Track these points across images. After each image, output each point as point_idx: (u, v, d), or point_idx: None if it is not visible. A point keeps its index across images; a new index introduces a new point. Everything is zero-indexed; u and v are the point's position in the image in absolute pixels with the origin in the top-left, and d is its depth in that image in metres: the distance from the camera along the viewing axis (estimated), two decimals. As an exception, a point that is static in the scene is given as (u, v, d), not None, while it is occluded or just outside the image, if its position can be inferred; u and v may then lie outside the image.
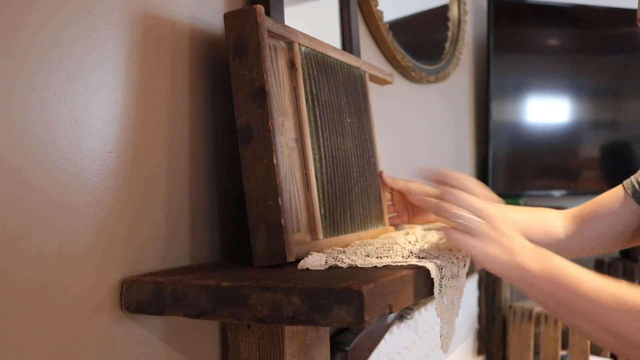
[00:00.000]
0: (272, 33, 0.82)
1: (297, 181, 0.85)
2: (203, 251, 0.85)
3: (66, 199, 0.65)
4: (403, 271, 0.70)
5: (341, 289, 0.59)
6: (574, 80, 2.53)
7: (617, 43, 2.56)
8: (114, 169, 0.71)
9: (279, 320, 0.62)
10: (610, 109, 2.57)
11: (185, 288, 0.67)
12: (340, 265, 0.73)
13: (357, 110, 1.04)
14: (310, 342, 0.80)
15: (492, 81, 2.33)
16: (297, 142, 0.86)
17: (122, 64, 0.73)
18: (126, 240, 0.73)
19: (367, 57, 1.36)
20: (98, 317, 0.68)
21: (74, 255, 0.66)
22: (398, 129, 1.58)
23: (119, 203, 0.72)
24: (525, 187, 2.46)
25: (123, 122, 0.73)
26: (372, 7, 1.40)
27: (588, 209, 1.04)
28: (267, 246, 0.76)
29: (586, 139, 2.56)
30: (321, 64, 0.95)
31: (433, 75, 1.77)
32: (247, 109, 0.78)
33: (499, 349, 2.38)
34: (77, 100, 0.67)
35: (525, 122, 2.47)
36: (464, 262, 0.85)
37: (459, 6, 2.03)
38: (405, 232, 0.99)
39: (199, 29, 0.86)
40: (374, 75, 1.14)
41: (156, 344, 0.77)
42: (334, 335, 1.17)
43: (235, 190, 0.90)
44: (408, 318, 1.55)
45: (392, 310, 0.66)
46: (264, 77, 0.77)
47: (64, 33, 0.65)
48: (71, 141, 0.66)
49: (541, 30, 2.52)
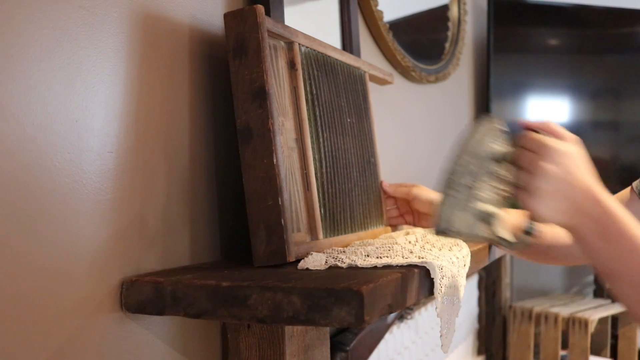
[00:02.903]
0: (272, 33, 0.82)
1: (297, 181, 0.85)
2: (203, 251, 0.85)
3: (66, 199, 0.65)
4: (403, 271, 0.70)
5: (341, 289, 0.59)
6: (574, 80, 2.53)
7: (617, 43, 2.56)
8: (114, 169, 0.71)
9: (279, 320, 0.62)
10: (610, 109, 2.57)
11: (185, 288, 0.67)
12: (340, 265, 0.73)
13: (357, 110, 1.04)
14: (310, 342, 0.80)
15: (492, 81, 2.33)
16: (297, 142, 0.86)
17: (122, 64, 0.73)
18: (126, 240, 0.73)
19: (367, 57, 1.36)
20: (98, 317, 0.68)
21: (73, 255, 0.66)
22: (398, 129, 1.58)
23: (119, 203, 0.72)
24: (525, 187, 2.46)
25: (123, 122, 0.73)
26: (372, 7, 1.40)
27: None
28: (267, 246, 0.76)
29: (586, 139, 2.54)
30: (321, 64, 0.95)
31: (433, 75, 1.77)
32: (247, 109, 0.78)
33: (499, 349, 2.38)
34: (77, 100, 0.67)
35: (525, 122, 2.47)
36: (464, 262, 0.85)
37: (459, 6, 2.03)
38: (405, 232, 0.99)
39: (199, 28, 0.86)
40: (374, 75, 1.14)
41: (156, 344, 0.77)
42: (334, 335, 1.17)
43: (235, 190, 0.90)
44: (408, 318, 1.55)
45: (392, 310, 0.66)
46: (264, 77, 0.77)
47: (64, 33, 0.65)
48: (71, 141, 0.66)
49: (541, 30, 2.52)
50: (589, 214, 0.68)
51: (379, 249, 0.81)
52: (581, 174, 0.68)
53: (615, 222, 0.67)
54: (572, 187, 0.67)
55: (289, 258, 0.75)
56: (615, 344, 2.45)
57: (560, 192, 0.67)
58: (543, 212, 0.68)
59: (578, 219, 0.68)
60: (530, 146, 0.69)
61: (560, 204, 0.68)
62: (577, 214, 0.68)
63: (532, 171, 0.67)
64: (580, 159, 0.69)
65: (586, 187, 0.68)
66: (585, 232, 0.68)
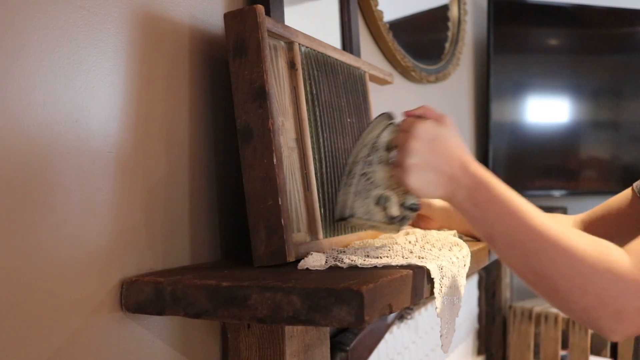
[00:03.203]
0: (272, 33, 0.82)
1: (297, 181, 0.85)
2: (203, 251, 0.85)
3: (66, 199, 0.65)
4: (403, 271, 0.70)
5: (341, 289, 0.59)
6: (574, 80, 2.53)
7: (617, 43, 2.56)
8: (114, 169, 0.71)
9: (279, 320, 0.62)
10: (610, 109, 2.57)
11: (185, 288, 0.67)
12: (340, 265, 0.73)
13: (357, 110, 1.04)
14: (310, 342, 0.80)
15: (492, 81, 2.33)
16: (297, 142, 0.86)
17: (122, 64, 0.73)
18: (126, 240, 0.73)
19: (367, 57, 1.36)
20: (98, 317, 0.68)
21: (74, 256, 0.66)
22: (398, 129, 1.58)
23: (119, 203, 0.72)
24: (525, 187, 2.46)
25: (123, 122, 0.73)
26: (372, 7, 1.40)
27: (597, 212, 1.01)
28: (267, 246, 0.76)
29: (586, 139, 2.55)
30: (321, 64, 0.95)
31: (433, 75, 1.77)
32: (247, 109, 0.78)
33: (499, 349, 2.38)
34: (77, 100, 0.67)
35: (525, 122, 2.47)
36: (464, 262, 0.85)
37: (459, 6, 2.03)
38: (405, 232, 0.99)
39: (199, 28, 0.86)
40: (374, 75, 1.14)
41: (156, 344, 0.77)
42: (334, 335, 1.17)
43: (235, 190, 0.90)
44: (408, 318, 1.55)
45: (392, 310, 0.66)
46: (264, 77, 0.77)
47: (64, 33, 0.65)
48: (71, 141, 0.66)
49: (541, 30, 2.52)
50: (460, 182, 0.71)
51: (379, 249, 0.81)
52: (448, 147, 0.72)
53: (485, 189, 0.70)
54: (439, 159, 0.71)
55: (288, 258, 0.75)
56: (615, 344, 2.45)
57: (429, 164, 0.71)
58: (415, 186, 0.72)
59: (451, 188, 0.71)
60: (403, 128, 0.74)
61: (431, 177, 0.71)
62: (449, 184, 0.71)
63: (403, 149, 0.72)
64: (448, 134, 0.73)
65: (455, 158, 0.72)
66: (459, 200, 0.72)
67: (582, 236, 0.66)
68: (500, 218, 0.69)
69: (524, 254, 0.67)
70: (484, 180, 0.70)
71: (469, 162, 0.72)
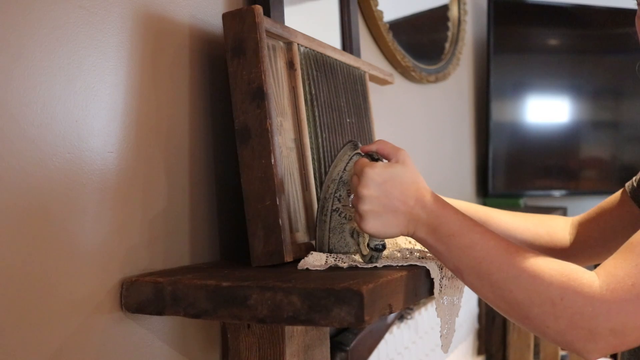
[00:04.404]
0: (271, 33, 0.82)
1: (295, 181, 0.85)
2: (203, 251, 0.85)
3: (66, 199, 0.65)
4: (403, 271, 0.70)
5: (341, 289, 0.59)
6: (574, 80, 2.53)
7: (617, 43, 2.56)
8: (114, 169, 0.71)
9: (279, 320, 0.62)
10: (610, 109, 2.57)
11: (185, 288, 0.67)
12: (340, 265, 0.73)
13: (357, 111, 1.04)
14: (310, 342, 0.80)
15: (492, 81, 2.33)
16: (296, 142, 0.86)
17: (122, 63, 0.73)
18: (126, 240, 0.73)
19: (367, 57, 1.36)
20: (98, 317, 0.68)
21: (74, 255, 0.66)
22: (398, 129, 1.58)
23: (119, 203, 0.72)
24: (525, 187, 2.46)
25: (123, 122, 0.73)
26: (372, 7, 1.40)
27: (592, 214, 1.00)
28: (265, 246, 0.76)
29: (586, 139, 2.55)
30: (320, 64, 0.95)
31: (433, 75, 1.77)
32: (246, 109, 0.78)
33: (499, 349, 2.38)
34: (77, 100, 0.67)
35: (525, 122, 2.47)
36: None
37: (459, 6, 2.03)
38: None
39: (199, 28, 0.86)
40: (374, 75, 1.14)
41: (156, 344, 0.77)
42: (334, 335, 1.17)
43: (234, 190, 0.90)
44: (408, 318, 1.55)
45: (392, 310, 0.66)
46: (262, 77, 0.77)
47: (64, 33, 0.65)
48: (71, 141, 0.66)
49: (541, 30, 2.52)
50: (419, 220, 0.70)
51: (379, 249, 0.81)
52: (402, 185, 0.70)
53: (445, 223, 0.69)
54: (393, 201, 0.69)
55: (286, 258, 0.75)
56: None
57: (384, 207, 0.70)
58: (372, 231, 0.70)
59: (412, 226, 0.70)
60: (355, 171, 0.72)
61: (388, 219, 0.70)
62: (409, 223, 0.70)
63: (356, 196, 0.71)
64: (401, 172, 0.71)
65: (411, 196, 0.70)
66: (421, 237, 0.71)
67: (549, 261, 0.66)
68: (465, 251, 0.68)
69: (492, 284, 0.66)
70: (443, 214, 0.70)
71: (425, 198, 0.70)
